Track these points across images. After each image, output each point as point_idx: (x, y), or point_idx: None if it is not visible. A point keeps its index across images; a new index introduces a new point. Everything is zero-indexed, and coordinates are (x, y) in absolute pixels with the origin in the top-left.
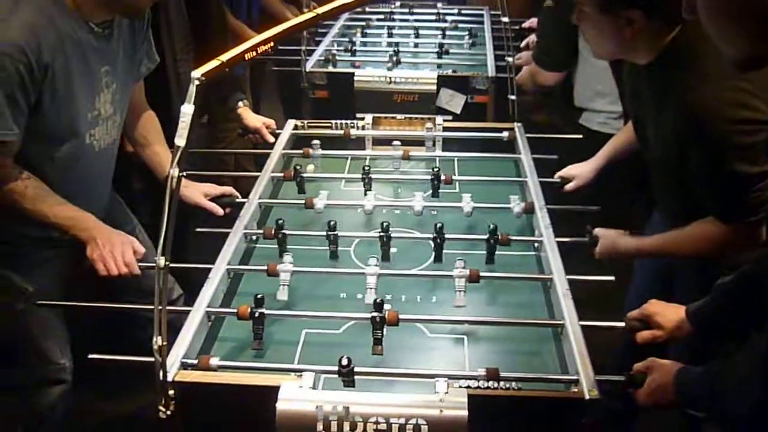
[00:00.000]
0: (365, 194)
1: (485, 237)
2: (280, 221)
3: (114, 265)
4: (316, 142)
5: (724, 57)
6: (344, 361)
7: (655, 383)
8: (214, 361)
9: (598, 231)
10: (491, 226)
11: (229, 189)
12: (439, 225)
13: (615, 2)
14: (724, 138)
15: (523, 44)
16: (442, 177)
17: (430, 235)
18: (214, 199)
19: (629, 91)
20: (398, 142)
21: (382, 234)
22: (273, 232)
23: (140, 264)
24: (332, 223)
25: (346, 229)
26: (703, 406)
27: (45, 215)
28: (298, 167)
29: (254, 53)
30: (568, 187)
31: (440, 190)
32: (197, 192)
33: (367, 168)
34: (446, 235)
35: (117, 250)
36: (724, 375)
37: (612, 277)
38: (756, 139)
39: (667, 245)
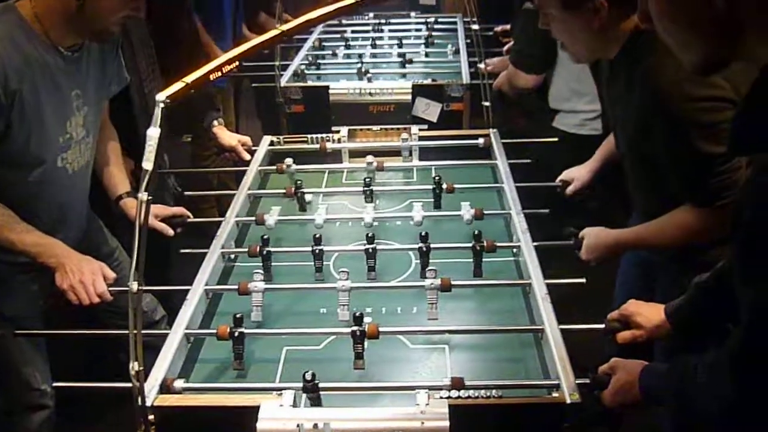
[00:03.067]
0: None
1: (470, 245)
2: (264, 237)
3: (85, 294)
4: (288, 159)
5: (684, 63)
6: (308, 376)
7: (619, 383)
8: (179, 383)
9: (582, 232)
10: (476, 232)
11: (180, 210)
12: (423, 233)
13: None
14: (686, 115)
15: (505, 49)
16: (444, 186)
17: (415, 246)
18: (165, 220)
19: (605, 93)
20: (370, 157)
21: (367, 247)
22: (257, 249)
23: (113, 288)
24: (317, 236)
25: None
26: (668, 403)
27: (12, 243)
28: (298, 182)
29: (219, 73)
30: (569, 189)
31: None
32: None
33: (368, 179)
34: (432, 245)
35: (87, 278)
36: (692, 373)
37: (583, 279)
38: (718, 117)
39: (646, 235)
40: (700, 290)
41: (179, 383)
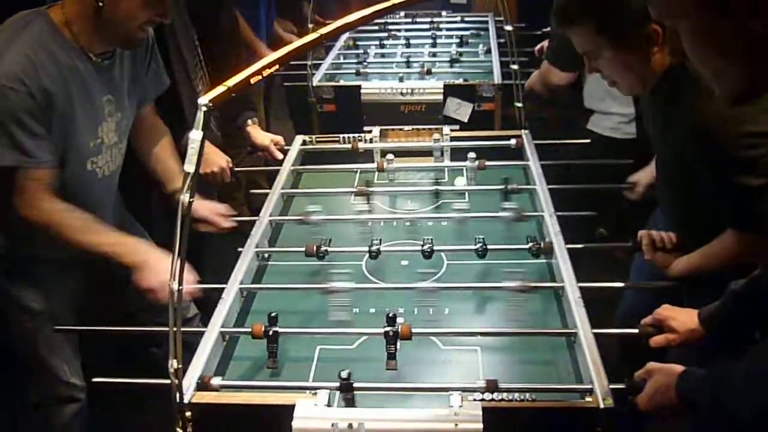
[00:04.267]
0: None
1: (527, 246)
2: (327, 239)
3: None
4: (390, 155)
5: (718, 92)
6: (344, 375)
7: (654, 387)
8: (216, 380)
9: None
10: (532, 236)
11: (221, 207)
12: (480, 237)
13: (623, 28)
14: (729, 153)
15: (537, 48)
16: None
17: (474, 246)
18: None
19: (644, 110)
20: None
21: (423, 248)
22: (314, 249)
23: None
24: (376, 240)
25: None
26: (704, 409)
27: (92, 244)
28: (368, 181)
29: (260, 77)
30: (637, 190)
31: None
32: (205, 207)
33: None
34: (489, 246)
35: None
36: (729, 378)
37: (623, 284)
38: (760, 152)
39: (703, 263)
40: (736, 297)
41: (217, 380)
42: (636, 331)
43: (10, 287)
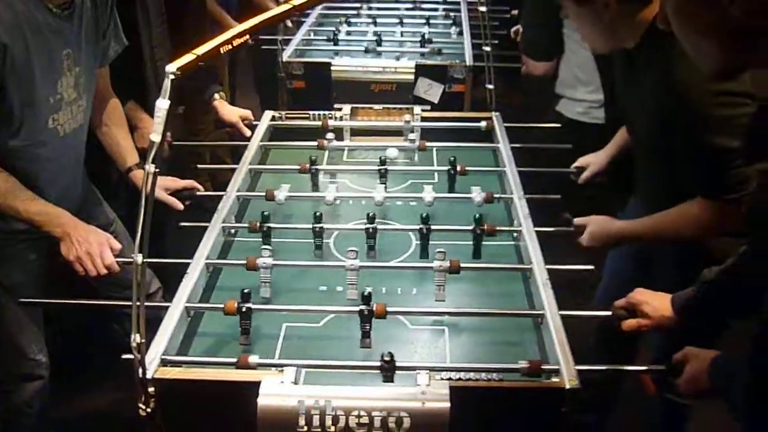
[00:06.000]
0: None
1: (471, 228)
2: (265, 213)
3: (92, 265)
4: (330, 135)
5: (701, 68)
6: (386, 357)
7: (690, 373)
8: (254, 359)
9: (582, 219)
10: (477, 216)
11: (190, 182)
12: (424, 215)
13: None
14: (706, 109)
15: (513, 30)
16: (458, 168)
17: (416, 226)
18: (174, 193)
19: (619, 79)
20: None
21: (368, 226)
22: (258, 225)
23: (118, 259)
24: (318, 214)
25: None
26: (725, 395)
27: (17, 210)
28: (313, 158)
29: (230, 46)
30: (583, 176)
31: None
32: (157, 187)
33: (384, 159)
34: (432, 226)
35: (94, 249)
36: (736, 363)
37: (592, 267)
38: (737, 111)
39: (653, 227)
40: (709, 286)
41: (254, 359)
42: (608, 313)
43: None
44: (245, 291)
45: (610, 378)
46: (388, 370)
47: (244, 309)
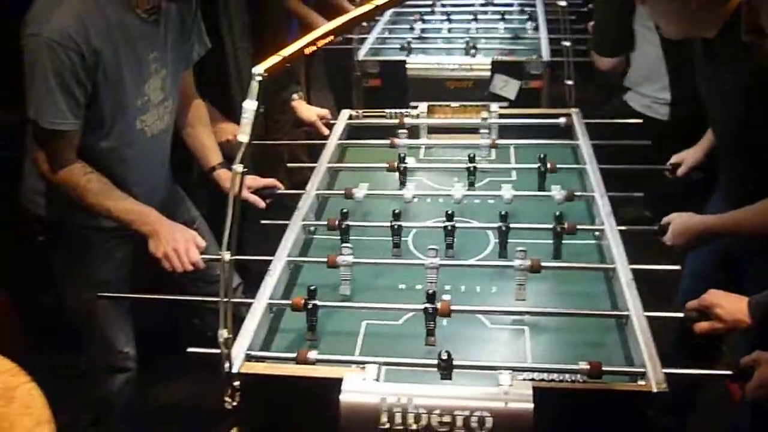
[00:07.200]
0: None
1: (551, 226)
2: (344, 211)
3: (179, 262)
4: (402, 131)
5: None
6: (444, 355)
7: (759, 378)
8: (313, 354)
9: (666, 218)
10: (558, 213)
11: (271, 181)
12: (503, 213)
13: None
14: None
15: (591, 24)
16: (549, 165)
17: (495, 225)
18: (256, 191)
19: (699, 74)
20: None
21: (447, 224)
22: (336, 222)
23: (203, 256)
24: (396, 211)
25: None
26: None
27: (108, 210)
28: (402, 155)
29: (314, 47)
30: (680, 171)
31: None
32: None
33: (471, 156)
34: (511, 225)
35: (181, 247)
36: None
37: (678, 266)
38: None
39: (740, 221)
40: None
41: (313, 354)
42: (681, 315)
43: (67, 256)
44: (311, 288)
45: (688, 381)
46: (445, 368)
47: (310, 305)
